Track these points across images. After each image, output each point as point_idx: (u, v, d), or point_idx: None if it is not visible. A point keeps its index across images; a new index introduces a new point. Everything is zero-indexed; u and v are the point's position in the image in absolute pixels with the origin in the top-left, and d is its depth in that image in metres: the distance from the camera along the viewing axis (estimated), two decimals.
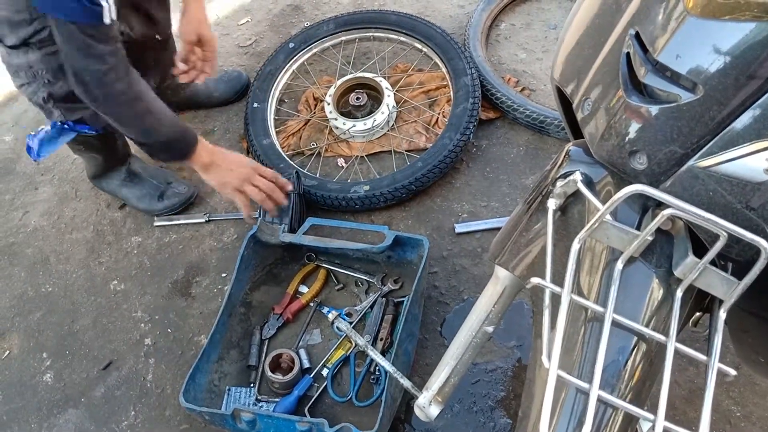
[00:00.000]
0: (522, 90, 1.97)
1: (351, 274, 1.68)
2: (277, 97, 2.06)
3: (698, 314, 0.78)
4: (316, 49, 2.13)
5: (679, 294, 0.68)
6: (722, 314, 0.67)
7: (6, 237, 1.95)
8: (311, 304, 1.64)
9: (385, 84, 1.96)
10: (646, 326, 0.69)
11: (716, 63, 0.62)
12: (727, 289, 0.66)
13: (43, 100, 1.55)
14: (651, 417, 0.62)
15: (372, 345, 1.51)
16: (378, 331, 1.54)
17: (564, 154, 0.81)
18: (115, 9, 1.32)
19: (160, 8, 1.73)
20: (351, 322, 1.57)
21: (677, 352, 0.66)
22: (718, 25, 0.62)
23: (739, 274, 0.65)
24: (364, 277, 1.66)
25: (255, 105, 1.98)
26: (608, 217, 0.66)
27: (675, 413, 1.38)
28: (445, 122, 1.84)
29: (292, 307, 1.63)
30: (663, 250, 0.71)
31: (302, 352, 1.56)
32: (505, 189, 1.79)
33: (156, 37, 1.77)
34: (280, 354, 1.53)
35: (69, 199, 2.00)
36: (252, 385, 1.53)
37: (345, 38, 2.13)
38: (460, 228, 1.73)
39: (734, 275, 0.66)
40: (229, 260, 1.75)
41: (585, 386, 0.63)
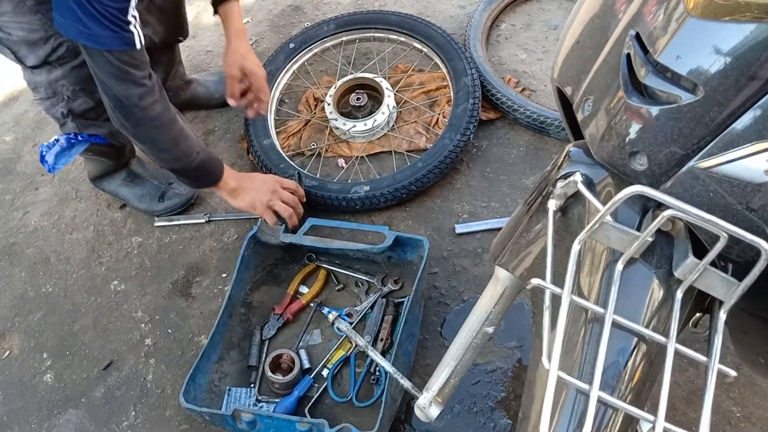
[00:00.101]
0: (522, 90, 1.97)
1: (351, 275, 1.68)
2: (278, 98, 2.06)
3: (698, 315, 0.78)
4: (317, 50, 2.13)
5: (680, 295, 0.68)
6: (722, 315, 0.67)
7: (6, 237, 1.95)
8: (311, 305, 1.64)
9: (386, 84, 1.96)
10: (647, 327, 0.69)
11: (717, 64, 0.62)
12: (728, 290, 0.66)
13: (62, 115, 1.58)
14: (651, 418, 0.63)
15: (372, 345, 1.51)
16: (378, 332, 1.54)
17: (564, 155, 0.81)
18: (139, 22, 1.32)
19: (181, 9, 1.75)
20: (351, 323, 1.57)
21: (677, 353, 0.66)
22: (719, 26, 0.62)
23: (740, 275, 0.65)
24: (365, 278, 1.66)
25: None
26: (608, 218, 0.66)
27: (675, 414, 1.38)
28: (446, 123, 1.84)
29: (293, 308, 1.63)
30: (663, 251, 0.71)
31: (302, 353, 1.57)
32: (506, 189, 1.79)
33: (179, 39, 1.79)
34: (281, 354, 1.53)
35: (69, 200, 2.00)
36: (252, 386, 1.53)
37: (345, 39, 2.13)
38: (461, 228, 1.73)
39: (734, 276, 0.66)
40: (230, 260, 1.75)
41: (585, 387, 0.63)
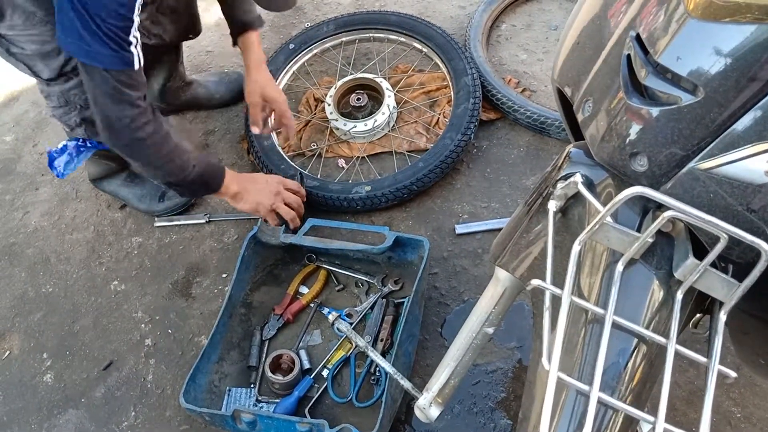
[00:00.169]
0: (523, 91, 1.97)
1: (351, 275, 1.67)
2: None
3: (698, 316, 0.78)
4: (317, 50, 2.13)
5: (680, 296, 0.68)
6: (723, 316, 0.67)
7: (6, 237, 1.95)
8: (311, 305, 1.64)
9: (386, 85, 1.96)
10: (647, 328, 0.69)
11: (717, 65, 0.62)
12: (728, 291, 0.66)
13: (75, 123, 1.58)
14: (651, 419, 0.63)
15: (372, 346, 1.51)
16: (378, 332, 1.54)
17: (564, 156, 0.81)
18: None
19: (193, 7, 1.75)
20: (351, 323, 1.57)
21: (677, 354, 0.66)
22: (719, 27, 0.62)
23: (740, 276, 0.65)
24: (365, 278, 1.66)
25: None
26: (609, 219, 0.66)
27: (675, 415, 1.38)
28: (446, 123, 1.84)
29: (293, 308, 1.63)
30: (663, 252, 0.71)
31: (302, 353, 1.56)
32: (506, 190, 1.79)
33: (191, 37, 1.79)
34: (281, 355, 1.53)
35: (69, 200, 2.00)
36: (252, 386, 1.53)
37: (345, 39, 2.13)
38: (461, 229, 1.73)
39: (735, 277, 0.66)
40: (230, 261, 1.75)
41: (585, 388, 0.63)
